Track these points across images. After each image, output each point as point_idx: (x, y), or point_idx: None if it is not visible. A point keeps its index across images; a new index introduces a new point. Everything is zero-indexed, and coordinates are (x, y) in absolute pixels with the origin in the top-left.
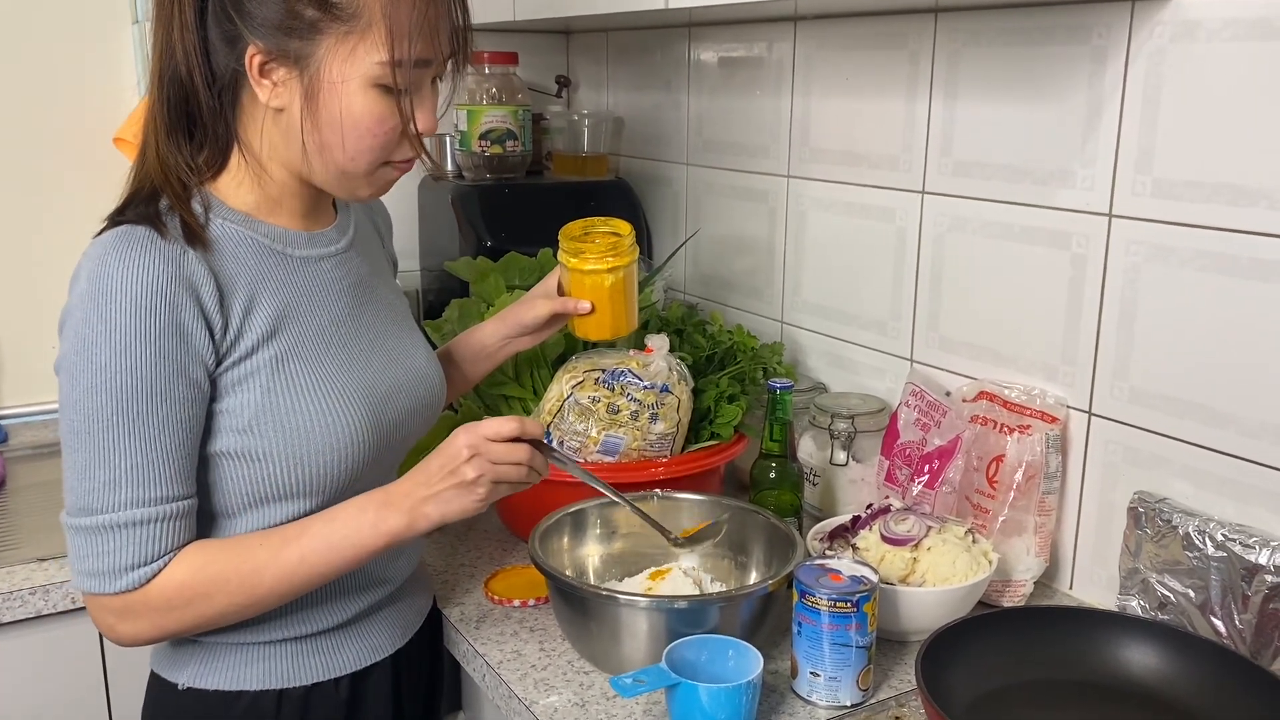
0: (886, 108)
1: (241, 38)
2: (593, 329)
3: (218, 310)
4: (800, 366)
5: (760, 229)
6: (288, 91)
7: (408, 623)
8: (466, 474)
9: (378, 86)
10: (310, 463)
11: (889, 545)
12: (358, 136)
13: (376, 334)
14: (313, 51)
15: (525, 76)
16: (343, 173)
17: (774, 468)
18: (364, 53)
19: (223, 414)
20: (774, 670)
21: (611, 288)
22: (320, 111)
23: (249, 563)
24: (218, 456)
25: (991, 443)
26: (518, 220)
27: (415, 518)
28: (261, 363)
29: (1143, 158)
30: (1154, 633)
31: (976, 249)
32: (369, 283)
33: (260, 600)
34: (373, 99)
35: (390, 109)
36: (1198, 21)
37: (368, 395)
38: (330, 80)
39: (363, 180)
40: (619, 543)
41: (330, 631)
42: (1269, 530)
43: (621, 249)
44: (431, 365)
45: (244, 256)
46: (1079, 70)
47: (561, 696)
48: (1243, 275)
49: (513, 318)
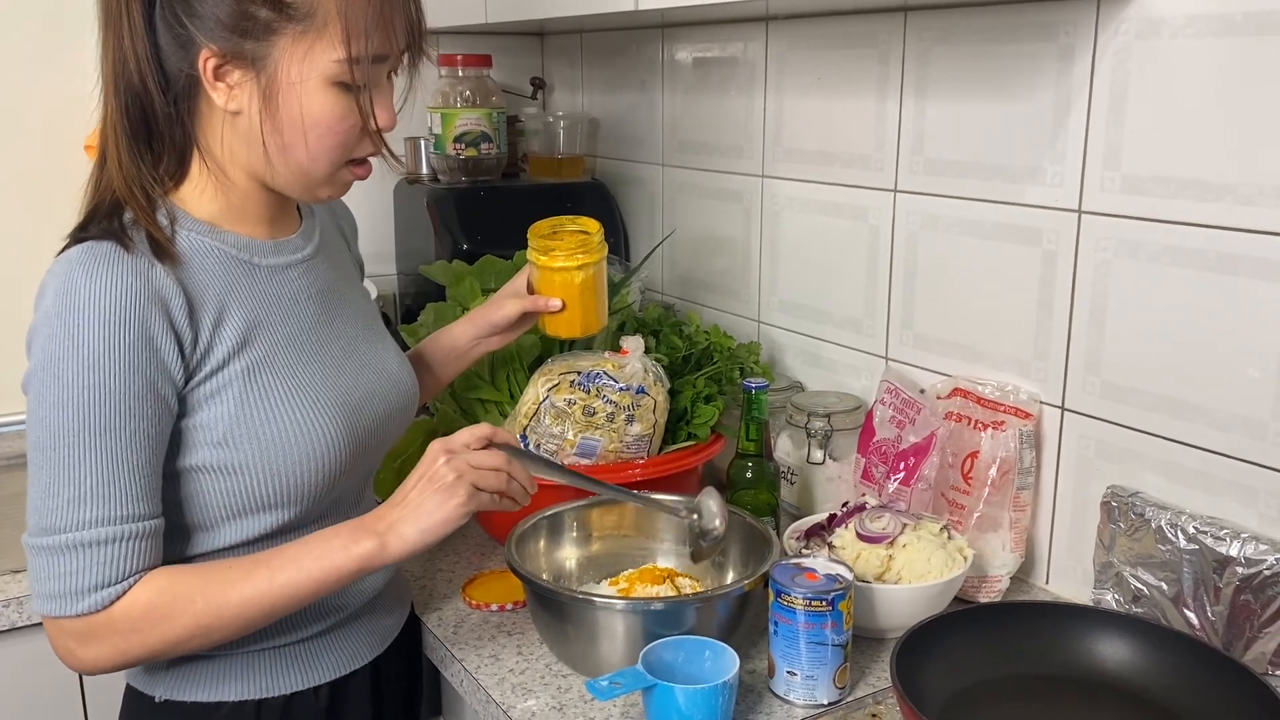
0: (858, 107)
1: (194, 41)
2: (563, 327)
3: (187, 325)
4: (777, 366)
5: (736, 229)
6: (244, 94)
7: (386, 630)
8: (446, 476)
9: (335, 85)
10: (287, 473)
11: (864, 543)
12: (318, 136)
13: (347, 340)
14: (268, 52)
15: (500, 79)
16: (304, 174)
17: (750, 467)
18: (321, 51)
19: (196, 428)
20: (751, 670)
21: (581, 284)
22: (279, 113)
23: (216, 583)
24: (193, 471)
25: (966, 439)
26: (493, 223)
27: (388, 541)
28: (234, 375)
29: (1110, 154)
30: (1127, 626)
31: (949, 246)
32: (337, 288)
33: (226, 624)
34: (331, 97)
35: (349, 106)
36: (1162, 18)
37: (342, 403)
38: (288, 80)
39: (324, 181)
40: (596, 545)
41: (309, 640)
42: (1239, 522)
43: (590, 246)
44: (404, 369)
45: (211, 268)
46: (1047, 68)
47: (539, 700)
48: (1210, 269)
49: (482, 318)
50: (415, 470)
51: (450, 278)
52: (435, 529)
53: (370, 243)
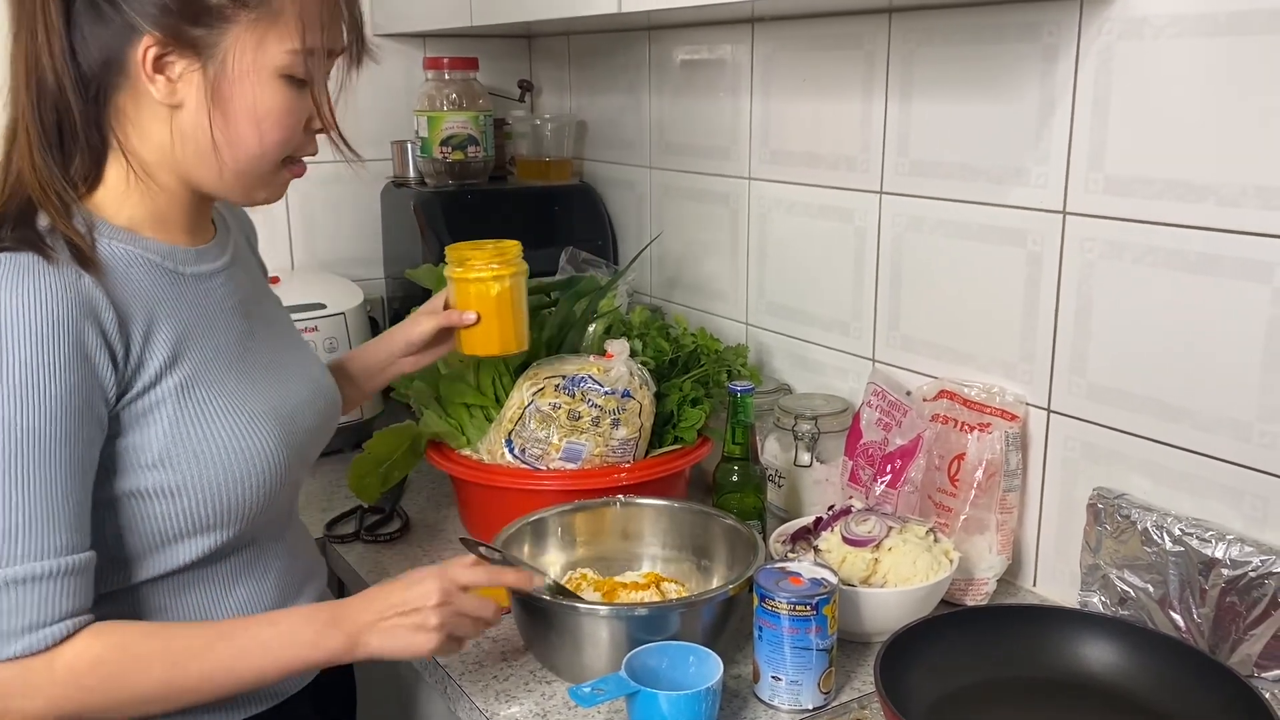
0: (844, 109)
1: (131, 28)
2: (479, 342)
3: (119, 338)
4: (765, 368)
5: (723, 231)
6: (187, 86)
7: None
8: (430, 620)
9: (285, 77)
10: (228, 491)
11: (850, 546)
12: (270, 129)
13: (273, 350)
14: (218, 41)
15: (487, 81)
16: (249, 172)
17: (736, 470)
18: (274, 41)
19: (129, 450)
20: (736, 675)
21: (498, 297)
22: (230, 104)
23: (176, 651)
24: (128, 497)
25: (952, 441)
26: (481, 226)
27: (356, 644)
28: (166, 392)
29: (1094, 155)
30: (1113, 629)
31: (934, 248)
32: (255, 296)
33: (180, 692)
34: (281, 89)
35: (297, 100)
36: (1144, 18)
37: (277, 415)
38: (239, 71)
39: (265, 180)
40: (580, 550)
41: None
42: (1225, 524)
43: (508, 257)
44: (327, 376)
45: (137, 278)
46: (1031, 68)
47: (523, 707)
48: (1194, 270)
49: (399, 335)
50: (406, 584)
51: (436, 282)
52: (398, 654)
53: (357, 246)
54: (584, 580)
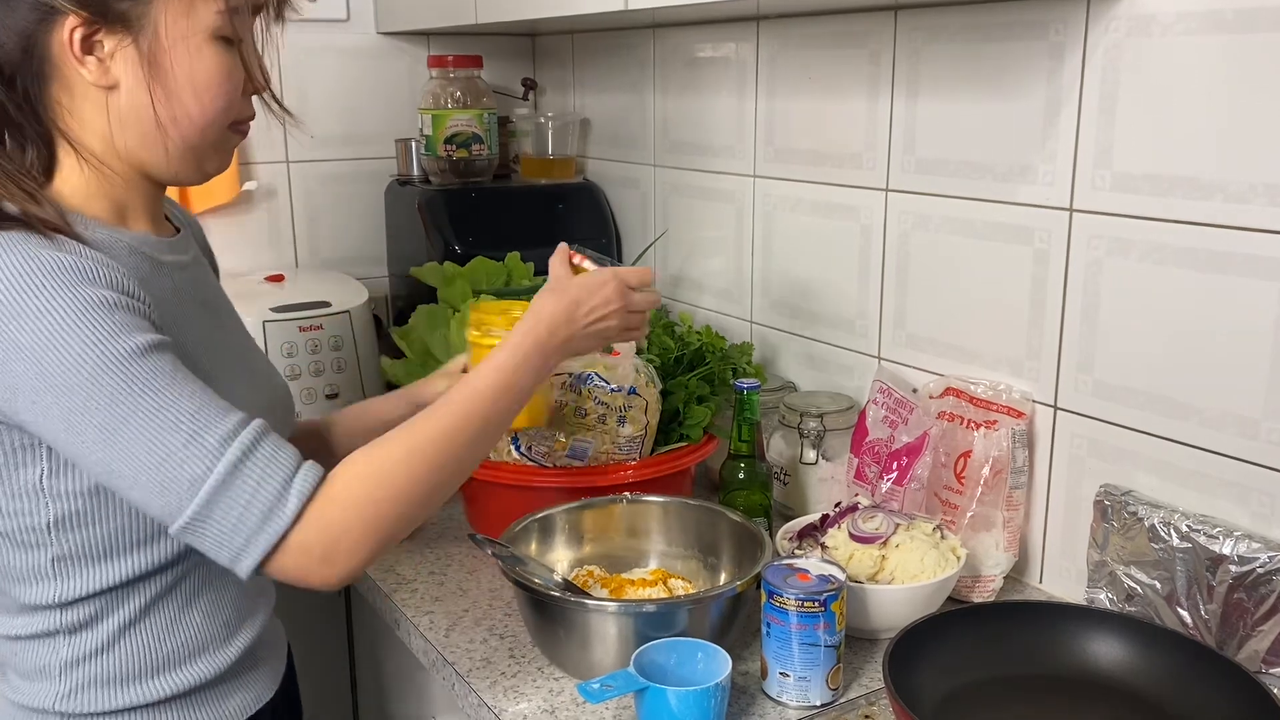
0: (849, 106)
1: (51, 10)
2: None
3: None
4: (770, 366)
5: (728, 229)
6: (120, 64)
7: (277, 667)
8: (612, 322)
9: (218, 39)
10: None
11: (857, 543)
12: (211, 96)
13: (238, 350)
14: (145, 12)
15: (491, 79)
16: (196, 145)
17: (743, 468)
18: (202, 4)
19: None
20: (744, 671)
21: None
22: (167, 77)
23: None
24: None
25: (958, 439)
26: (485, 224)
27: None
28: None
29: (1101, 152)
30: (1120, 625)
31: (940, 246)
32: (217, 294)
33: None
34: (216, 53)
35: (233, 61)
36: (1152, 15)
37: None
38: (172, 40)
39: (212, 150)
40: (588, 547)
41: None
42: (1232, 520)
43: None
44: (282, 380)
45: (122, 258)
46: (1037, 66)
47: (531, 703)
48: (1201, 268)
49: (413, 394)
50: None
51: (441, 280)
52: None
53: (361, 245)
54: (591, 577)
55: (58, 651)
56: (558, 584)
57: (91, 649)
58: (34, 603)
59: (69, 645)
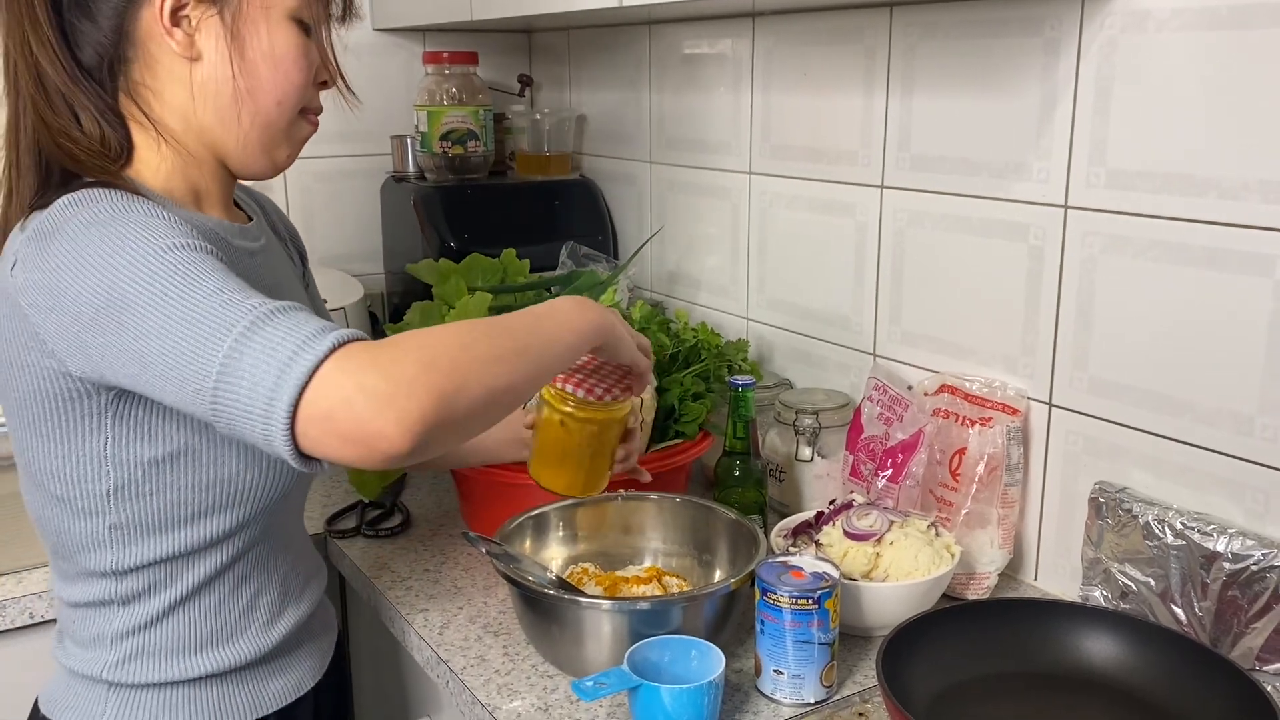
0: (844, 103)
1: None
2: (543, 471)
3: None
4: (766, 363)
5: (724, 226)
6: (205, 35)
7: (324, 653)
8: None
9: (294, 21)
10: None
11: (852, 540)
12: (285, 71)
13: None
14: None
15: (486, 76)
16: (269, 124)
17: (738, 465)
18: None
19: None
20: (738, 669)
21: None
22: (247, 49)
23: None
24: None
25: (953, 436)
26: (481, 221)
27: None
28: None
29: (1096, 149)
30: (1115, 623)
31: (935, 242)
32: (290, 278)
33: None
34: (292, 34)
35: (306, 47)
36: (1147, 12)
37: None
38: (254, 12)
39: (283, 135)
40: (582, 544)
41: (255, 667)
42: (1226, 518)
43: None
44: None
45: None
46: (1032, 62)
47: (525, 701)
48: (1195, 264)
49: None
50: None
51: (437, 276)
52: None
53: (357, 242)
54: (586, 574)
55: (111, 621)
56: (552, 582)
57: (144, 620)
58: (91, 569)
59: (122, 615)
